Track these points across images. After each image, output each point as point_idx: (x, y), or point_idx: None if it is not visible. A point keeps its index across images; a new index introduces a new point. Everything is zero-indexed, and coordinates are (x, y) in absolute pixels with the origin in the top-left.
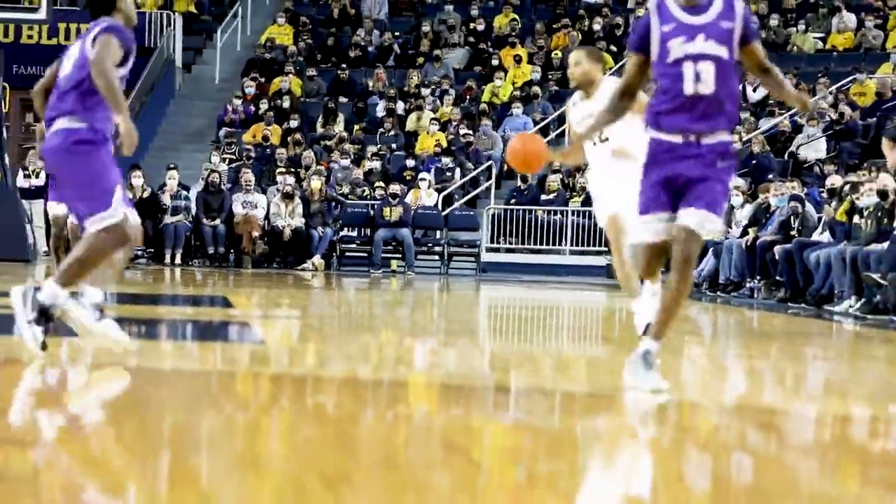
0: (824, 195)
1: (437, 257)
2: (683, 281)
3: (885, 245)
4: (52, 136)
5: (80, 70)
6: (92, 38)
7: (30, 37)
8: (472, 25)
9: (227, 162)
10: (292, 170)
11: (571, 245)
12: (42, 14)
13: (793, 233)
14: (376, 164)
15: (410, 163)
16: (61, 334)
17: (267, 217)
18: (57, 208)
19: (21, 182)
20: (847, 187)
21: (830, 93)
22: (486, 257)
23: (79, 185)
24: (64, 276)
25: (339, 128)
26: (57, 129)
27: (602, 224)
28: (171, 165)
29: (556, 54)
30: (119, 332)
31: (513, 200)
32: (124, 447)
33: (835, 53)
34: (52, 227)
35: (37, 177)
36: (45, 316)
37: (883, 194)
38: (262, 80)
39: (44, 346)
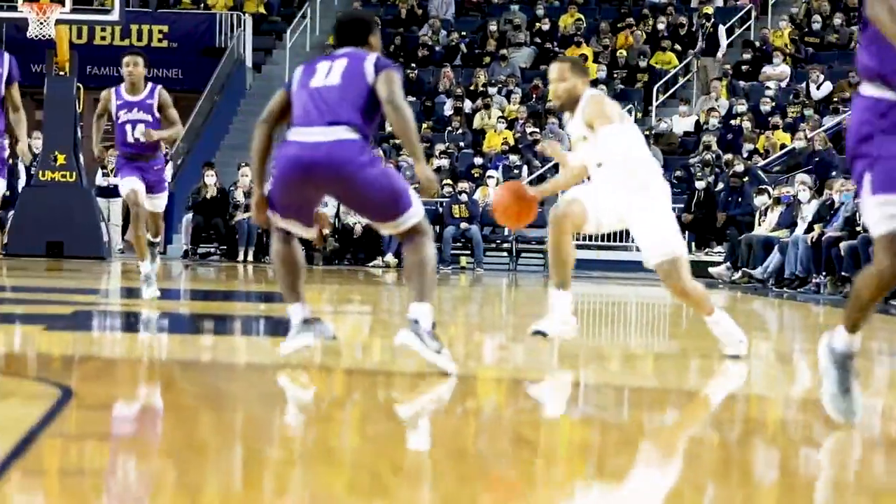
0: None
1: (505, 254)
2: None
3: None
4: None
5: (357, 86)
6: (374, 67)
7: (103, 38)
8: (537, 25)
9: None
10: None
11: None
12: (115, 16)
13: (858, 229)
14: (444, 162)
15: (478, 160)
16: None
17: (337, 214)
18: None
19: (100, 181)
20: None
21: None
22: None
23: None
24: None
25: None
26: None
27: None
28: (243, 164)
29: (621, 53)
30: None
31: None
32: (201, 440)
33: None
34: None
35: (114, 175)
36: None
37: None
38: None
39: None
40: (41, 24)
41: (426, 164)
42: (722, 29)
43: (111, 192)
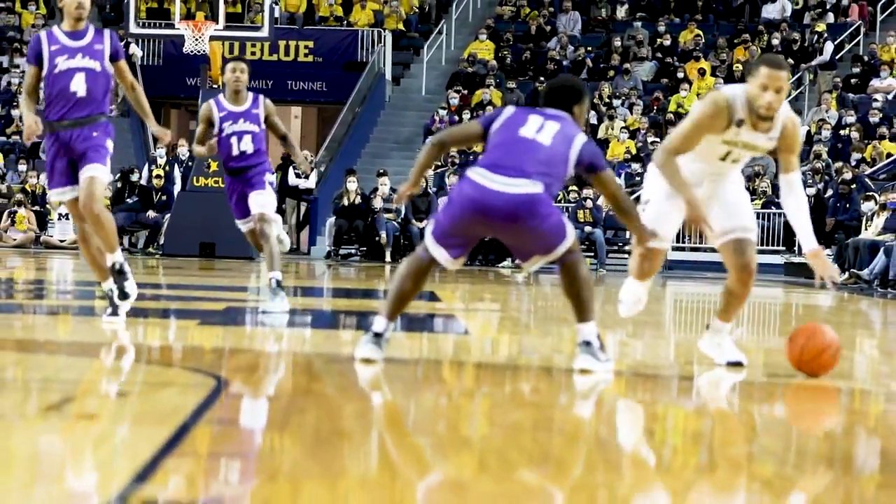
0: None
1: (627, 256)
2: None
3: None
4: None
5: (563, 156)
6: (579, 151)
7: (253, 53)
8: (658, 41)
9: (433, 168)
10: None
11: None
12: (264, 32)
13: None
14: None
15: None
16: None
17: None
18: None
19: None
20: None
21: None
22: (673, 255)
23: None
24: None
25: None
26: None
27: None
28: (382, 171)
29: (737, 67)
30: None
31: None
32: (345, 428)
33: None
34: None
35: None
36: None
37: None
38: (465, 91)
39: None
40: (196, 40)
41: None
42: (829, 45)
43: None
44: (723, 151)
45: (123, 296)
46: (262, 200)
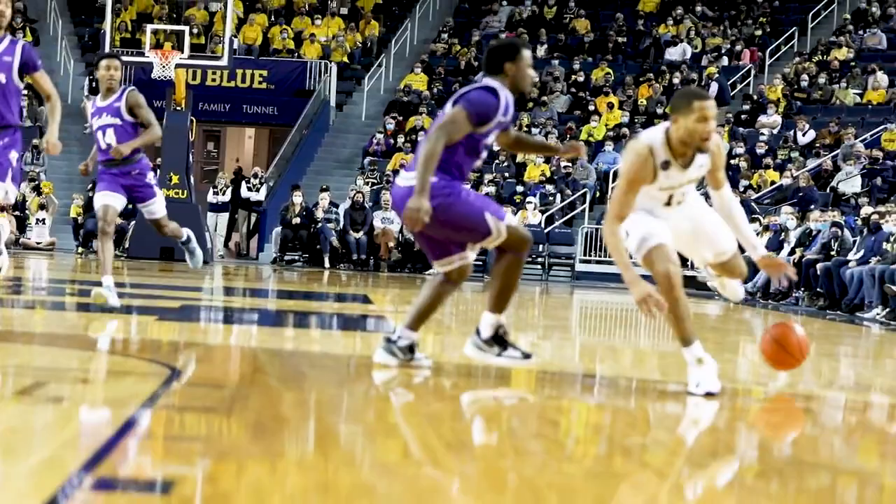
0: (858, 222)
1: (539, 267)
2: None
3: None
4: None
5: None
6: (452, 102)
7: (213, 80)
8: (573, 77)
9: (370, 185)
10: None
11: None
12: (224, 62)
13: (832, 252)
14: (492, 189)
15: (520, 188)
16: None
17: (401, 230)
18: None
19: (210, 198)
20: (875, 216)
21: (863, 140)
22: (580, 268)
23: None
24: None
25: None
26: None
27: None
28: (324, 187)
29: (642, 102)
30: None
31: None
32: (285, 414)
33: (870, 106)
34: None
35: (223, 194)
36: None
37: None
38: (401, 118)
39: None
40: (163, 67)
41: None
42: (714, 84)
43: (218, 207)
44: (664, 197)
45: None
46: (155, 209)
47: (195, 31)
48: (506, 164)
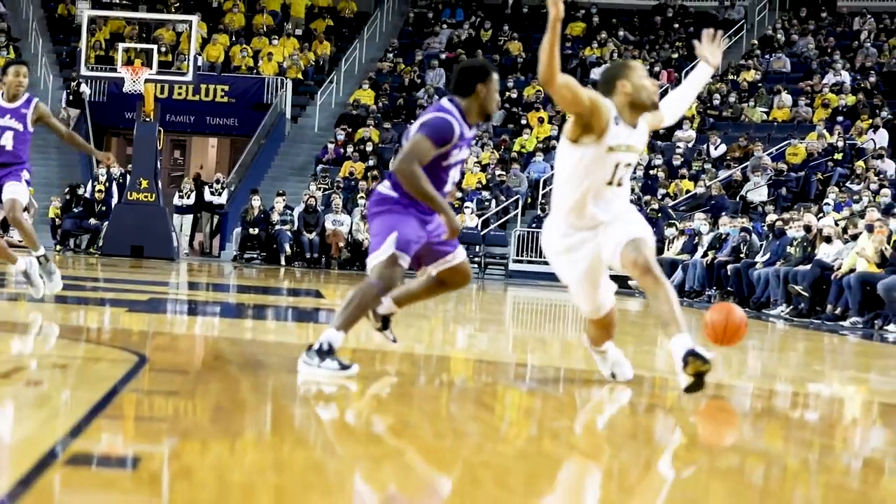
0: (765, 228)
1: (476, 266)
2: None
3: (808, 266)
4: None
5: None
6: (419, 124)
7: (179, 94)
8: (507, 94)
9: (322, 190)
10: None
11: None
12: (189, 77)
13: (741, 255)
14: None
15: (458, 194)
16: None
17: (350, 232)
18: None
19: (176, 201)
20: (780, 223)
21: (769, 154)
22: (514, 267)
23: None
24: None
25: None
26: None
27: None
28: (280, 192)
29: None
30: None
31: (534, 224)
32: (243, 398)
33: (776, 123)
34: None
35: (187, 198)
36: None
37: (807, 228)
38: (350, 129)
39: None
40: (134, 82)
41: None
42: None
43: (184, 209)
44: (611, 165)
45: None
46: (14, 189)
47: (163, 49)
48: None
